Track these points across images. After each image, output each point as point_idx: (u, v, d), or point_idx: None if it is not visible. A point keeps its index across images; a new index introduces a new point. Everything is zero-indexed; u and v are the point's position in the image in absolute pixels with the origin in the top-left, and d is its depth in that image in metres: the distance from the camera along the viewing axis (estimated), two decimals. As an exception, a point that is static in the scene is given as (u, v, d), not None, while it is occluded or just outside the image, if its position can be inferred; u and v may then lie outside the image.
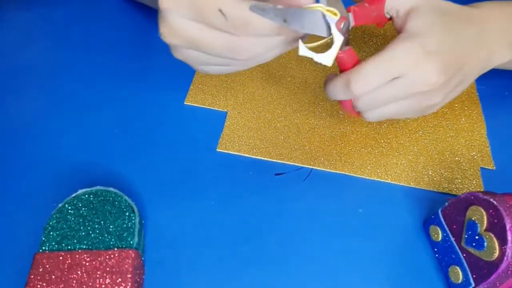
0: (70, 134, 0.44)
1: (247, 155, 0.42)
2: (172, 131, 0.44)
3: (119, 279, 0.31)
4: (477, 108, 0.47)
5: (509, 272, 0.30)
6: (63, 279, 0.31)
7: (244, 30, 0.28)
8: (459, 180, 0.42)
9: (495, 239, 0.30)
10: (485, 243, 0.31)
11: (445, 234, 0.36)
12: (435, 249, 0.37)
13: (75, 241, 0.33)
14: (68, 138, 0.43)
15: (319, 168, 0.42)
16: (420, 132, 0.45)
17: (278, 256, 0.37)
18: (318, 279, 0.36)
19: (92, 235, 0.34)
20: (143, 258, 0.35)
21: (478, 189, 0.41)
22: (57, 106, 0.46)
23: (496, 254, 0.30)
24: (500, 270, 0.30)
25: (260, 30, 0.28)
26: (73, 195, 0.36)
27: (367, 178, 0.41)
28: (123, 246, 0.33)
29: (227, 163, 0.42)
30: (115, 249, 0.33)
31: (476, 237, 0.32)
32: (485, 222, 0.31)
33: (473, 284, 0.32)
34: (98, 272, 0.32)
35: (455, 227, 0.35)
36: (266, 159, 0.42)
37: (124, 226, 0.34)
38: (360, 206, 0.40)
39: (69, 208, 0.35)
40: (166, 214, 0.39)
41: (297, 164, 0.42)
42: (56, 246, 0.33)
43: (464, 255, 0.34)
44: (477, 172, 0.42)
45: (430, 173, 0.42)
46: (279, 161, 0.42)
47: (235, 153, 0.42)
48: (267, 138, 0.44)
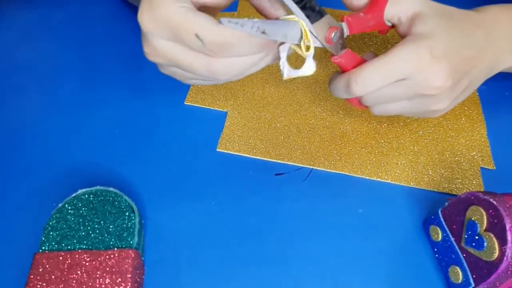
0: (70, 134, 0.44)
1: (247, 155, 0.42)
2: (172, 131, 0.44)
3: (119, 279, 0.31)
4: (477, 108, 0.47)
5: (509, 272, 0.30)
6: (63, 279, 0.31)
7: (223, 53, 0.28)
8: (459, 180, 0.42)
9: (495, 239, 0.30)
10: (485, 243, 0.31)
11: (445, 234, 0.36)
12: (435, 249, 0.37)
13: (75, 241, 0.33)
14: (68, 138, 0.43)
15: (319, 168, 0.42)
16: (420, 132, 0.45)
17: (278, 256, 0.37)
18: (318, 279, 0.36)
19: (92, 235, 0.34)
20: (143, 258, 0.35)
21: (478, 189, 0.41)
22: (57, 106, 0.46)
23: (496, 254, 0.30)
24: (500, 270, 0.30)
25: (240, 51, 0.28)
26: (73, 195, 0.36)
27: (367, 178, 0.41)
28: (123, 246, 0.33)
29: (227, 163, 0.42)
30: (115, 249, 0.33)
31: (476, 237, 0.32)
32: (485, 222, 0.31)
33: (473, 284, 0.32)
34: (98, 272, 0.32)
35: (455, 227, 0.35)
36: (266, 159, 0.42)
37: (124, 226, 0.34)
38: (360, 206, 0.40)
39: (69, 208, 0.35)
40: (166, 214, 0.39)
41: (297, 164, 0.42)
42: (56, 246, 0.33)
43: (464, 255, 0.34)
44: (477, 172, 0.42)
45: (430, 173, 0.42)
46: (279, 161, 0.42)
47: (235, 153, 0.42)
48: (267, 138, 0.44)
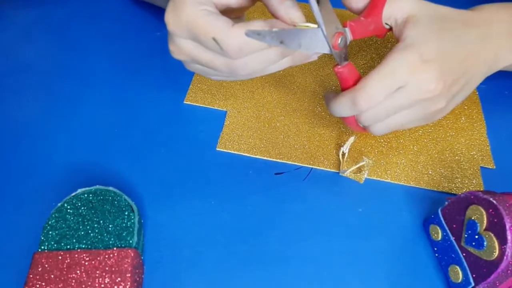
0: (69, 134, 0.44)
1: (246, 154, 0.42)
2: (172, 130, 0.44)
3: (119, 279, 0.31)
4: (477, 108, 0.47)
5: (508, 271, 0.30)
6: (62, 278, 0.31)
7: (239, 56, 0.30)
8: (459, 179, 0.41)
9: (494, 239, 0.30)
10: (484, 243, 0.31)
11: (445, 234, 0.36)
12: (435, 248, 0.37)
13: (74, 240, 0.33)
14: (68, 138, 0.43)
15: (318, 167, 0.42)
16: (420, 131, 0.45)
17: (278, 255, 0.37)
18: (318, 279, 0.36)
19: (91, 234, 0.34)
20: (142, 258, 0.35)
21: (478, 188, 0.41)
22: (56, 105, 0.46)
23: (496, 254, 0.30)
24: (499, 270, 0.30)
25: (255, 57, 0.30)
26: (72, 194, 0.36)
27: (367, 177, 0.41)
28: (123, 246, 0.33)
29: (227, 162, 0.42)
30: (115, 248, 0.33)
31: (476, 236, 0.32)
32: (485, 222, 0.31)
33: (472, 284, 0.32)
34: (97, 272, 0.32)
35: (455, 226, 0.35)
36: (265, 158, 0.42)
37: (124, 225, 0.34)
38: (360, 206, 0.40)
39: (68, 207, 0.35)
40: (165, 214, 0.39)
41: (296, 164, 0.42)
42: (55, 245, 0.33)
43: (464, 254, 0.34)
44: (477, 172, 0.42)
45: (430, 172, 0.42)
46: (278, 160, 0.42)
47: (235, 152, 0.42)
48: (266, 137, 0.44)
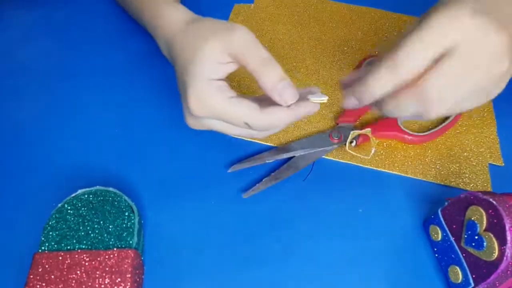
0: (69, 134, 0.44)
1: (257, 141, 0.43)
2: (172, 131, 0.44)
3: (119, 279, 0.31)
4: (488, 106, 0.48)
5: (508, 272, 0.30)
6: (63, 279, 0.31)
7: (268, 129, 0.33)
8: (467, 175, 0.42)
9: (494, 239, 0.30)
10: (484, 243, 0.31)
11: (444, 234, 0.36)
12: (435, 248, 0.37)
13: (74, 241, 0.33)
14: (68, 138, 0.43)
15: (329, 158, 0.42)
16: (430, 126, 0.45)
17: (278, 256, 0.37)
18: (318, 279, 0.36)
19: (92, 235, 0.34)
20: (142, 258, 0.35)
21: (486, 184, 0.41)
22: (57, 106, 0.46)
23: (496, 254, 0.30)
24: (499, 270, 0.30)
25: (279, 126, 0.33)
26: (72, 195, 0.36)
27: (375, 168, 0.42)
28: (123, 246, 0.33)
29: (227, 162, 0.42)
30: (115, 249, 0.33)
31: (476, 237, 0.32)
32: (484, 222, 0.31)
33: (472, 284, 0.32)
34: (98, 272, 0.32)
35: (454, 227, 0.35)
36: (273, 144, 0.42)
37: (124, 226, 0.34)
38: (360, 206, 0.40)
39: (68, 208, 0.35)
40: (165, 214, 0.39)
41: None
42: (55, 246, 0.33)
43: (463, 255, 0.34)
44: (485, 168, 0.42)
45: (438, 167, 0.42)
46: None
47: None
48: None
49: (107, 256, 0.32)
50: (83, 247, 0.33)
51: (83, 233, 0.34)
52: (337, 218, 0.39)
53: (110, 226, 0.34)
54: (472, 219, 0.32)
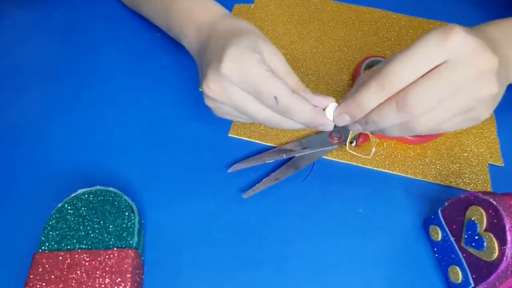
0: (70, 134, 0.44)
1: (258, 141, 0.44)
2: (172, 130, 0.44)
3: (119, 279, 0.31)
4: None
5: (508, 272, 0.30)
6: (63, 278, 0.31)
7: (288, 114, 0.33)
8: (467, 175, 0.42)
9: (494, 239, 0.30)
10: (484, 243, 0.31)
11: (444, 234, 0.36)
12: (435, 249, 0.37)
13: (74, 241, 0.33)
14: (68, 138, 0.43)
15: (329, 158, 0.42)
16: None
17: (278, 256, 0.37)
18: (318, 279, 0.36)
19: (92, 235, 0.34)
20: (142, 258, 0.35)
21: (486, 184, 0.41)
22: (57, 105, 0.46)
23: (496, 254, 0.30)
24: (499, 270, 0.30)
25: (298, 118, 0.33)
26: (72, 195, 0.36)
27: (375, 168, 0.42)
28: (123, 246, 0.33)
29: (227, 162, 0.42)
30: (115, 249, 0.33)
31: (476, 237, 0.32)
32: (484, 222, 0.31)
33: (472, 284, 0.32)
34: (98, 272, 0.32)
35: (455, 227, 0.35)
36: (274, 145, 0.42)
37: (124, 226, 0.34)
38: (360, 206, 0.40)
39: (68, 208, 0.35)
40: (166, 214, 0.39)
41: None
42: (55, 246, 0.33)
43: (463, 255, 0.34)
44: (485, 168, 0.42)
45: (438, 167, 0.42)
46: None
47: (246, 139, 0.44)
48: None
49: (107, 256, 0.32)
50: (83, 247, 0.33)
51: (83, 233, 0.34)
52: (337, 218, 0.39)
53: (110, 226, 0.34)
54: (472, 219, 0.32)
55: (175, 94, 0.47)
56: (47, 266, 0.32)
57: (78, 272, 0.32)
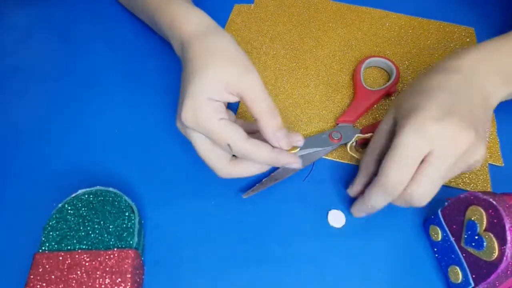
0: (70, 134, 0.44)
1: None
2: (172, 130, 0.44)
3: (119, 279, 0.31)
4: None
5: (508, 272, 0.30)
6: (63, 279, 0.32)
7: (245, 158, 0.34)
8: (467, 175, 0.42)
9: (494, 239, 0.30)
10: (484, 243, 0.31)
11: (444, 234, 0.36)
12: (435, 249, 0.37)
13: (74, 241, 0.33)
14: (68, 138, 0.43)
15: (329, 158, 0.42)
16: None
17: (278, 256, 0.37)
18: (318, 279, 0.36)
19: (92, 235, 0.34)
20: (142, 258, 0.35)
21: (485, 184, 0.41)
22: (57, 106, 0.46)
23: (496, 254, 0.30)
24: (499, 270, 0.30)
25: (256, 161, 0.34)
26: (72, 195, 0.36)
27: None
28: (123, 246, 0.33)
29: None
30: (115, 249, 0.33)
31: (476, 237, 0.32)
32: (484, 222, 0.31)
33: (472, 284, 0.32)
34: (98, 272, 0.32)
35: (454, 227, 0.35)
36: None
37: (124, 226, 0.34)
38: (360, 206, 0.40)
39: (68, 208, 0.35)
40: (166, 215, 0.39)
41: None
42: (56, 246, 0.33)
43: (463, 255, 0.34)
44: (485, 168, 0.42)
45: None
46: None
47: None
48: None
49: (107, 256, 0.32)
50: (84, 247, 0.33)
51: (83, 233, 0.34)
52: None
53: (111, 226, 0.34)
54: (472, 219, 0.32)
55: (176, 94, 0.47)
56: (47, 266, 0.32)
57: (78, 272, 0.32)
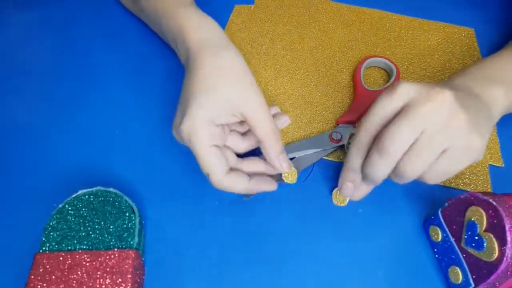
0: (70, 135, 0.44)
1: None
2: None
3: (119, 280, 0.31)
4: None
5: (508, 272, 0.30)
6: (63, 279, 0.32)
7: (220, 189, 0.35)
8: (467, 176, 0.42)
9: (494, 240, 0.30)
10: (484, 244, 0.31)
11: (445, 235, 0.36)
12: (435, 249, 0.37)
13: (75, 241, 0.33)
14: (68, 139, 0.43)
15: (329, 159, 0.43)
16: None
17: (278, 256, 0.37)
18: (318, 279, 0.36)
19: (92, 235, 0.34)
20: (143, 258, 0.35)
21: (486, 185, 0.41)
22: (57, 106, 0.46)
23: (496, 255, 0.30)
24: (499, 271, 0.30)
25: (235, 191, 0.36)
26: (73, 195, 0.36)
27: None
28: (123, 247, 0.33)
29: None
30: (115, 249, 0.33)
31: (476, 237, 0.32)
32: (484, 223, 0.31)
33: (472, 285, 0.33)
34: (98, 273, 0.32)
35: (455, 227, 0.35)
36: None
37: (124, 226, 0.34)
38: (360, 206, 0.40)
39: (69, 208, 0.35)
40: (166, 214, 0.39)
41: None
42: (56, 246, 0.33)
43: (463, 255, 0.34)
44: (485, 169, 0.42)
45: None
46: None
47: None
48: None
49: (108, 257, 0.32)
50: (84, 247, 0.33)
51: (84, 233, 0.34)
52: (337, 218, 0.39)
53: (111, 227, 0.34)
54: (472, 219, 0.32)
55: (176, 95, 0.47)
56: (48, 267, 0.32)
57: (79, 272, 0.32)
